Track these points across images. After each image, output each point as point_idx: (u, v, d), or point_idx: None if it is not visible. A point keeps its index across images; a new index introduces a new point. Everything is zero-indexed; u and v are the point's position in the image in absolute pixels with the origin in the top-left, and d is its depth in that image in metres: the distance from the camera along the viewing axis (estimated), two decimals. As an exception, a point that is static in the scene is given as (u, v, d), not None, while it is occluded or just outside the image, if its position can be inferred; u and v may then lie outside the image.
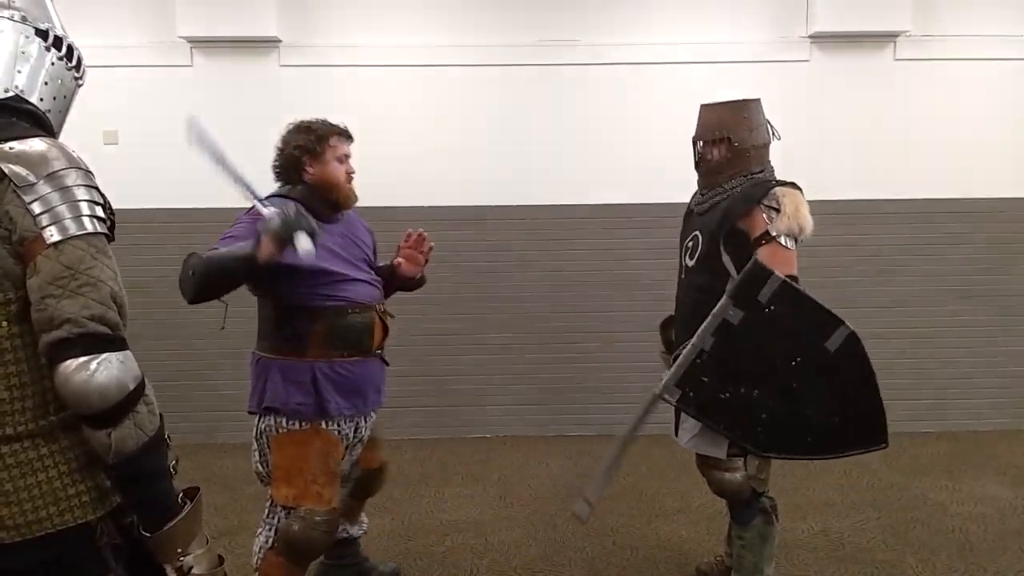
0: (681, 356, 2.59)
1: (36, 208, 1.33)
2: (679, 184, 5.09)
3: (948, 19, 5.04)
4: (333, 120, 2.75)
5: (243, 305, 2.64)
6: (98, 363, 1.33)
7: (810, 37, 5.03)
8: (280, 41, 4.95)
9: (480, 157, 5.07)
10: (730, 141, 2.75)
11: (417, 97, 5.05)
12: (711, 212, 2.79)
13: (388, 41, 5.01)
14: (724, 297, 2.52)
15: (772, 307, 2.52)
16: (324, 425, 2.61)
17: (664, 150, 5.07)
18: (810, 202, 5.26)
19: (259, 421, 2.66)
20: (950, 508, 3.99)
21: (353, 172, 2.71)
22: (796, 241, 2.68)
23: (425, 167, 4.99)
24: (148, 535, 1.44)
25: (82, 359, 1.32)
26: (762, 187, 2.69)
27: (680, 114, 5.00)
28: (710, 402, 2.59)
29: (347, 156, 2.70)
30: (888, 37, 5.02)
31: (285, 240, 2.16)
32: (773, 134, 2.86)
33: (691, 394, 2.58)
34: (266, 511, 2.69)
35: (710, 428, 2.65)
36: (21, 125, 1.43)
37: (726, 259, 2.71)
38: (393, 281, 2.90)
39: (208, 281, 2.33)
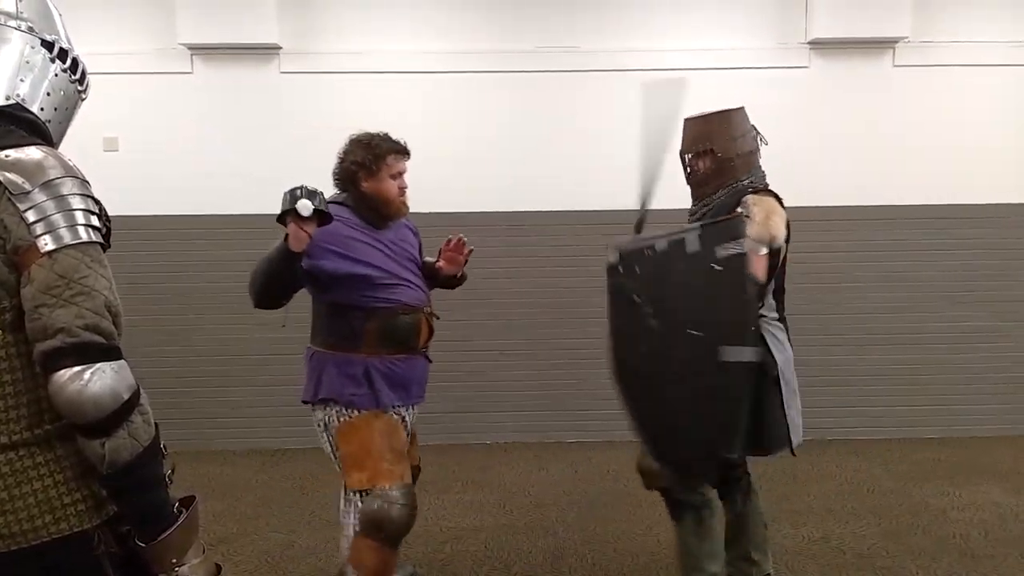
0: (641, 236, 2.57)
1: (31, 216, 1.33)
2: (681, 190, 5.11)
3: (947, 25, 5.05)
4: (390, 134, 2.86)
5: (242, 311, 2.67)
6: (92, 372, 1.32)
7: (809, 43, 5.04)
8: (280, 48, 4.97)
9: (480, 163, 5.08)
10: (713, 152, 2.78)
11: (417, 103, 5.05)
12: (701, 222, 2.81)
13: (388, 48, 5.02)
14: (699, 223, 2.54)
15: (719, 267, 2.44)
16: (380, 410, 2.77)
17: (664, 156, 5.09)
18: (809, 208, 5.29)
19: (315, 411, 2.79)
20: (951, 514, 3.98)
21: (406, 186, 2.85)
22: (770, 250, 2.63)
23: (425, 174, 4.94)
24: (143, 545, 1.44)
25: (76, 369, 1.31)
26: (737, 195, 2.71)
27: (680, 120, 5.04)
28: (625, 291, 2.54)
29: (402, 173, 2.84)
30: (887, 43, 5.03)
31: (290, 210, 2.44)
32: (761, 140, 2.87)
33: (621, 271, 2.53)
34: (342, 504, 2.78)
35: (609, 321, 2.59)
36: (18, 133, 1.43)
37: None
38: (435, 279, 3.10)
39: (255, 279, 2.65)
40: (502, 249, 5.13)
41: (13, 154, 1.36)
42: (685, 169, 2.92)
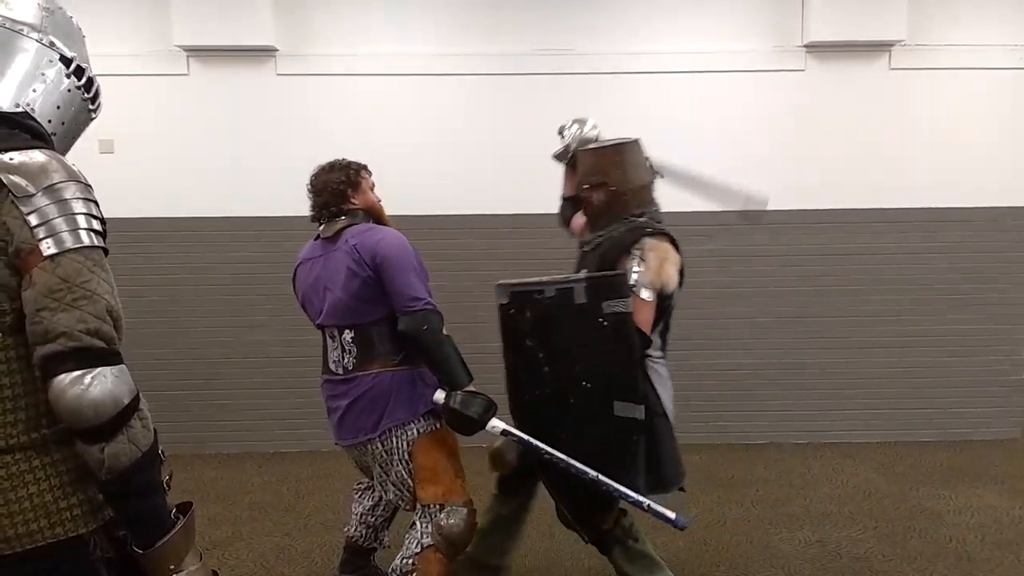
0: (532, 278, 2.67)
1: (33, 220, 1.33)
2: (677, 192, 5.11)
3: (943, 29, 5.06)
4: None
5: (237, 314, 2.66)
6: (92, 377, 1.32)
7: (805, 46, 5.05)
8: (276, 50, 4.95)
9: (476, 166, 5.07)
10: (607, 185, 2.80)
11: (413, 106, 5.05)
12: (593, 252, 2.86)
13: (384, 50, 5.01)
14: (587, 273, 2.64)
15: (605, 323, 2.53)
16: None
17: (660, 158, 5.08)
18: (804, 211, 5.30)
19: (394, 434, 2.72)
20: (947, 518, 3.98)
21: (379, 199, 2.92)
22: (660, 295, 2.67)
23: (421, 176, 4.99)
24: (141, 552, 1.43)
25: (76, 373, 1.31)
26: (635, 234, 2.71)
27: (677, 123, 5.04)
28: (517, 336, 2.66)
29: (374, 186, 2.92)
30: (883, 47, 5.04)
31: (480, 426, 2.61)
32: (656, 173, 2.93)
33: (512, 312, 2.65)
34: (418, 517, 2.78)
35: (504, 359, 2.71)
36: (22, 136, 1.43)
37: None
38: None
39: (420, 348, 2.66)
40: (497, 251, 5.12)
41: (17, 157, 1.36)
42: (582, 199, 2.96)
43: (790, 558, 3.55)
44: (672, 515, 2.50)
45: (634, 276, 2.59)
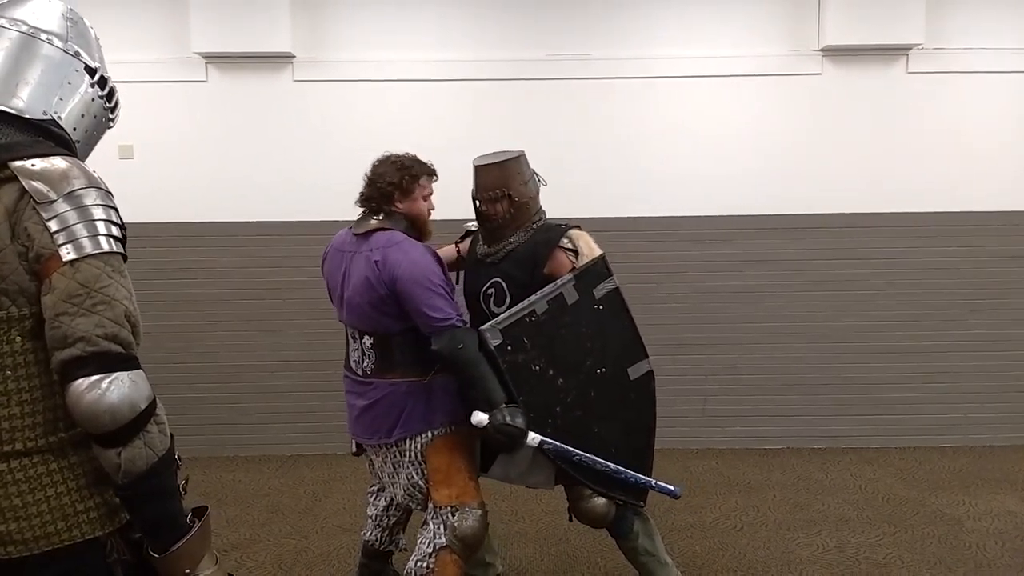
0: (515, 307, 2.70)
1: (54, 226, 1.35)
2: (694, 196, 5.12)
3: (960, 32, 5.02)
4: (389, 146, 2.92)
5: (254, 318, 2.68)
6: (109, 382, 1.34)
7: (822, 50, 5.02)
8: (294, 56, 4.99)
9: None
10: (510, 197, 2.89)
11: (430, 112, 5.06)
12: (508, 260, 2.89)
13: (401, 56, 5.03)
14: (569, 273, 2.73)
15: (600, 307, 2.74)
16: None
17: (678, 162, 5.08)
18: (822, 215, 5.30)
19: (409, 440, 2.75)
20: (967, 524, 3.94)
21: (433, 208, 2.90)
22: None
23: (440, 181, 5.00)
24: (157, 555, 1.45)
25: (94, 378, 1.33)
26: (555, 232, 2.89)
27: (693, 127, 5.04)
28: (522, 366, 2.67)
29: (431, 194, 2.88)
30: (900, 50, 5.00)
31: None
32: (541, 182, 3.04)
33: (509, 348, 2.65)
34: (431, 517, 2.78)
35: (513, 395, 2.63)
36: (46, 144, 1.46)
37: None
38: None
39: (456, 367, 2.63)
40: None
41: (39, 163, 1.39)
42: (479, 214, 2.99)
43: (807, 563, 3.53)
44: (672, 487, 2.76)
45: (577, 264, 2.80)
